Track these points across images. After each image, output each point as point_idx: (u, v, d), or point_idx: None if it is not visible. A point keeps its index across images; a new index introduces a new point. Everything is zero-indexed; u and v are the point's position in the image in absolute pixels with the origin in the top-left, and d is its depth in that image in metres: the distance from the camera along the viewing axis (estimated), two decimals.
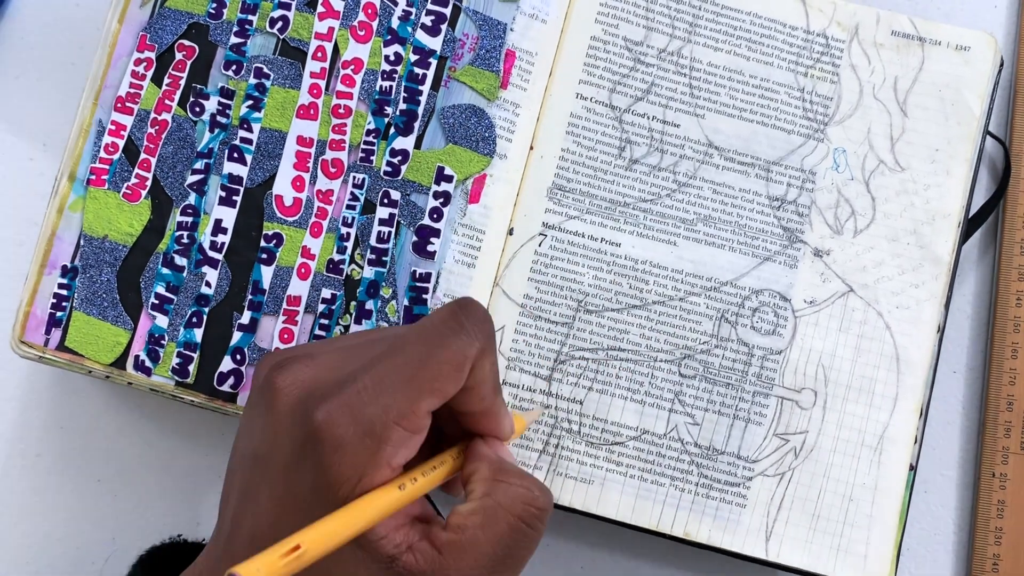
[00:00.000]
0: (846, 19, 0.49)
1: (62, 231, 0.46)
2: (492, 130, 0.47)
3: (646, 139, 0.48)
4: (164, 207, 0.46)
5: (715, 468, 0.46)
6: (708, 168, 0.48)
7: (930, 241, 0.48)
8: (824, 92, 0.49)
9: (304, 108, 0.47)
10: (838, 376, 0.47)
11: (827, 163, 0.48)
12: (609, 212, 0.48)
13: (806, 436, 0.46)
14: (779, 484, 0.46)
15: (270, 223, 0.46)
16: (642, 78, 0.48)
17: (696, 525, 0.46)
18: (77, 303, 0.45)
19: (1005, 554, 0.49)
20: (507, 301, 0.47)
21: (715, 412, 0.46)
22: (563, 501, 0.46)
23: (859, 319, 0.47)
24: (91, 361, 0.45)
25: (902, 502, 0.46)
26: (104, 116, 0.46)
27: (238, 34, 0.47)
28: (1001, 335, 0.51)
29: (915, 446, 0.46)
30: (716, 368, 0.47)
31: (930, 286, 0.47)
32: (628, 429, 0.46)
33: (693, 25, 0.49)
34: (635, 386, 0.47)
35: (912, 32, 0.49)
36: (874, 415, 0.47)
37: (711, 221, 0.48)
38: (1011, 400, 0.50)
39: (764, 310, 0.47)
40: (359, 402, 0.34)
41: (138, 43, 0.46)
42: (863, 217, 0.48)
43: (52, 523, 0.37)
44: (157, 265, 0.46)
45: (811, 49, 0.49)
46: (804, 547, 0.46)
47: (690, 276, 0.47)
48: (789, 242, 0.48)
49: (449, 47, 0.47)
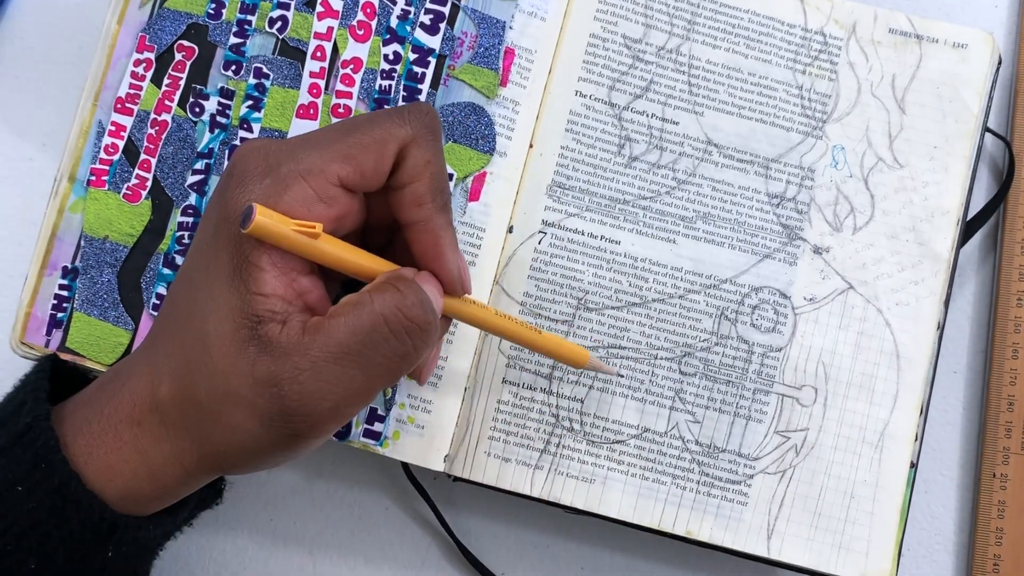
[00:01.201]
0: (844, 17, 0.49)
1: (62, 232, 0.46)
2: (491, 128, 0.47)
3: (645, 136, 0.48)
4: (165, 208, 0.46)
5: (716, 466, 0.46)
6: (707, 165, 0.48)
7: (929, 238, 0.48)
8: (822, 89, 0.49)
9: (304, 108, 0.47)
10: (838, 373, 0.47)
11: (826, 160, 0.48)
12: (609, 210, 0.48)
13: (807, 433, 0.46)
14: (780, 482, 0.46)
15: None
16: (641, 75, 0.48)
17: (698, 524, 0.46)
18: (78, 304, 0.45)
19: (1006, 554, 0.49)
20: (507, 299, 0.47)
21: (716, 410, 0.46)
22: (564, 501, 0.46)
23: (859, 316, 0.47)
24: (92, 362, 0.45)
25: (903, 499, 0.46)
26: (104, 117, 0.46)
27: (237, 34, 0.47)
28: (1002, 335, 0.51)
29: (916, 443, 0.46)
30: (716, 366, 0.47)
31: (929, 283, 0.47)
32: (629, 427, 0.46)
33: (692, 23, 0.49)
34: (636, 384, 0.47)
35: (910, 30, 0.49)
36: (875, 412, 0.47)
37: (710, 218, 0.48)
38: (1012, 400, 0.50)
39: (764, 307, 0.47)
40: (275, 149, 0.35)
41: (137, 44, 0.46)
42: (862, 214, 0.48)
43: None
44: (158, 266, 0.46)
45: (809, 47, 0.49)
46: (806, 545, 0.46)
47: (690, 274, 0.47)
48: (788, 239, 0.48)
49: (448, 45, 0.48)
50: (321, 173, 0.35)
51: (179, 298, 0.37)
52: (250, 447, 0.35)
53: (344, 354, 0.35)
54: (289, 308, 0.35)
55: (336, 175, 0.36)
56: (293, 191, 0.35)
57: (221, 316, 0.34)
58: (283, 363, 0.34)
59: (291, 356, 0.34)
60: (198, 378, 0.35)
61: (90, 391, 0.38)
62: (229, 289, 0.35)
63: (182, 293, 0.37)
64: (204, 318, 0.35)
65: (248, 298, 0.34)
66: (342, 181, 0.36)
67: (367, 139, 0.36)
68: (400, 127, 0.36)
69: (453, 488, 0.50)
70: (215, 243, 0.35)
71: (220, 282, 0.35)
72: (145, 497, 0.37)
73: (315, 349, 0.34)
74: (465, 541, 0.49)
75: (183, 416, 0.36)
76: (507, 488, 0.46)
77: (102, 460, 0.36)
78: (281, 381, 0.34)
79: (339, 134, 0.36)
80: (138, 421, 0.36)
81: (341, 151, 0.36)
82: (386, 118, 0.37)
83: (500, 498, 0.48)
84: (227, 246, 0.35)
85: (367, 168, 0.36)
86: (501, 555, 0.50)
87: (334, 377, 0.34)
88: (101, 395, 0.37)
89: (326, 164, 0.35)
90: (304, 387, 0.34)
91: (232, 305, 0.34)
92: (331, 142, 0.36)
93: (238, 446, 0.35)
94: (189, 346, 0.35)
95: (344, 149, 0.36)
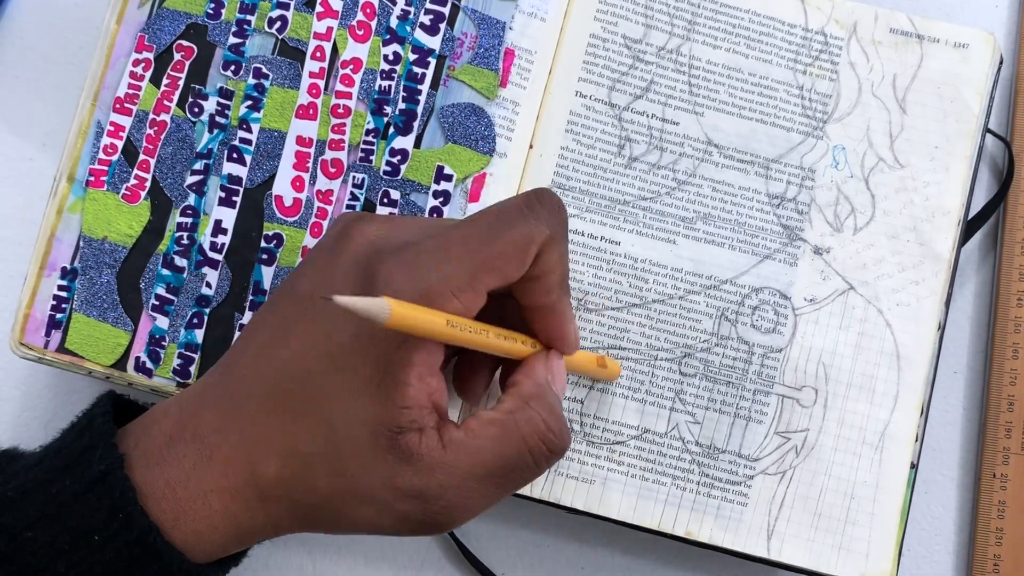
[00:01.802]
0: (844, 17, 0.49)
1: (61, 233, 0.45)
2: (491, 129, 0.47)
3: (645, 137, 0.48)
4: (164, 208, 0.46)
5: (716, 467, 0.46)
6: (707, 166, 0.48)
7: (930, 238, 0.48)
8: (823, 90, 0.49)
9: (303, 108, 0.47)
10: (839, 374, 0.47)
11: (826, 160, 0.48)
12: (608, 210, 0.48)
13: (807, 434, 0.46)
14: (780, 482, 0.46)
15: (270, 223, 0.46)
16: (641, 76, 0.48)
17: (698, 524, 0.46)
18: (77, 305, 0.45)
19: (1006, 555, 0.49)
20: None
21: (716, 411, 0.46)
22: (564, 501, 0.46)
23: (859, 316, 0.47)
24: (91, 363, 0.45)
25: (903, 500, 0.46)
26: (103, 117, 0.46)
27: (237, 34, 0.47)
28: (1002, 336, 0.51)
29: (916, 444, 0.46)
30: (716, 366, 0.47)
31: (930, 283, 0.47)
32: (629, 428, 0.46)
33: (692, 23, 0.49)
34: (635, 385, 0.46)
35: (910, 30, 0.49)
36: (875, 413, 0.46)
37: (711, 219, 0.48)
38: (1012, 401, 0.50)
39: (764, 308, 0.47)
40: (420, 264, 0.35)
41: (136, 43, 0.46)
42: (863, 214, 0.48)
43: None
44: (157, 266, 0.46)
45: (810, 47, 0.49)
46: (806, 546, 0.46)
47: (690, 274, 0.47)
48: (789, 240, 0.48)
49: (448, 46, 0.47)
50: (470, 288, 0.35)
51: (293, 383, 0.36)
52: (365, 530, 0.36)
53: (489, 476, 0.35)
54: (424, 413, 0.35)
55: (484, 288, 0.35)
56: (446, 310, 0.34)
57: (357, 421, 0.34)
58: (429, 479, 0.34)
59: (436, 473, 0.34)
60: (318, 471, 0.35)
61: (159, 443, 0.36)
62: (370, 395, 0.34)
63: (299, 378, 0.36)
64: (332, 413, 0.35)
65: (394, 411, 0.34)
66: (488, 289, 0.36)
67: (509, 247, 0.36)
68: (538, 229, 0.36)
69: None
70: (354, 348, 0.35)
71: (359, 385, 0.34)
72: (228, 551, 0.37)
73: (461, 468, 0.35)
74: (465, 541, 0.49)
75: (288, 495, 0.35)
76: None
77: (190, 527, 0.35)
78: (428, 497, 0.34)
79: (481, 240, 0.35)
80: (232, 493, 0.35)
81: (485, 262, 0.35)
82: (523, 219, 0.36)
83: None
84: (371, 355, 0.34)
85: (512, 275, 0.36)
86: (501, 555, 0.50)
87: (478, 495, 0.35)
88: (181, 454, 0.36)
89: (474, 279, 0.35)
90: (450, 503, 0.35)
91: (371, 413, 0.34)
92: (475, 252, 0.35)
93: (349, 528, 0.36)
94: (309, 437, 0.35)
95: (490, 260, 0.35)
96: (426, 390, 0.35)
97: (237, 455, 0.35)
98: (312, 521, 0.36)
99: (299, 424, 0.35)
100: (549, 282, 0.38)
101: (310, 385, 0.35)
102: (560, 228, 0.37)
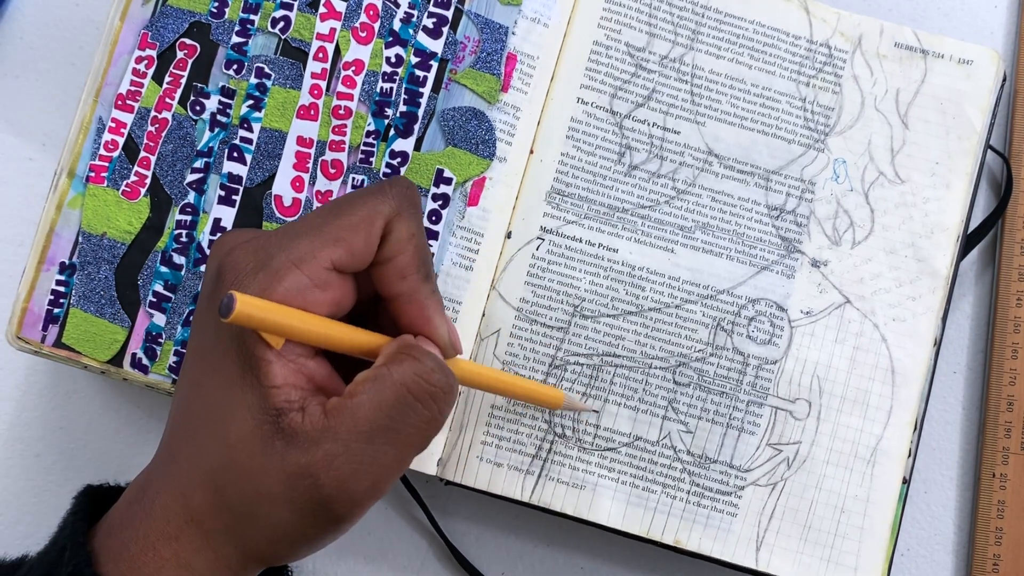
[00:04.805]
0: (849, 30, 0.49)
1: (60, 228, 0.46)
2: (492, 133, 0.47)
3: (646, 145, 0.48)
4: (163, 205, 0.46)
5: (707, 476, 0.46)
6: (707, 176, 0.48)
7: (928, 255, 0.47)
8: (826, 102, 0.48)
9: (304, 108, 0.47)
10: (833, 387, 0.47)
11: (827, 174, 0.48)
12: (607, 217, 0.48)
13: (799, 447, 0.46)
14: (771, 494, 0.46)
15: (269, 223, 0.46)
16: (643, 84, 0.48)
17: (687, 533, 0.46)
18: (75, 300, 0.45)
19: (1005, 554, 0.49)
20: (503, 304, 0.47)
21: (708, 420, 0.46)
22: (555, 506, 0.46)
23: (855, 331, 0.47)
24: (88, 358, 0.45)
25: (894, 515, 0.46)
26: (104, 113, 0.46)
27: (240, 33, 0.47)
28: (1001, 335, 0.50)
29: (909, 459, 0.46)
30: (711, 376, 0.47)
31: (927, 300, 0.47)
32: (621, 435, 0.46)
33: (696, 32, 0.49)
34: (629, 392, 0.47)
35: (915, 44, 0.49)
36: (868, 427, 0.47)
37: (709, 229, 0.48)
38: (1011, 400, 0.50)
39: (760, 319, 0.47)
40: (264, 244, 0.35)
41: (139, 41, 0.46)
42: (861, 229, 0.48)
43: (51, 523, 0.37)
44: (155, 263, 0.46)
45: (814, 59, 0.49)
46: (795, 557, 0.46)
47: (687, 283, 0.47)
48: (787, 252, 0.48)
49: (450, 50, 0.47)
50: (313, 259, 0.35)
51: (191, 405, 0.36)
52: (294, 539, 0.35)
53: (373, 431, 0.35)
54: (304, 394, 0.35)
55: (328, 259, 0.35)
56: (288, 281, 0.35)
57: (240, 416, 0.34)
58: (313, 452, 0.34)
59: (320, 443, 0.34)
60: (226, 483, 0.35)
61: (120, 510, 0.37)
62: (242, 388, 0.34)
63: (194, 400, 0.36)
64: (222, 421, 0.35)
65: (263, 392, 0.34)
66: (335, 264, 0.36)
67: (354, 219, 0.36)
68: (383, 203, 0.36)
69: (450, 492, 0.50)
70: (218, 346, 0.35)
71: (231, 383, 0.35)
72: None
73: (343, 431, 0.34)
74: (461, 544, 0.49)
75: (220, 522, 0.35)
76: (498, 493, 0.46)
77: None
78: (315, 471, 0.34)
79: (325, 218, 0.36)
80: (175, 536, 0.35)
81: (330, 235, 0.36)
82: (369, 196, 0.37)
83: (496, 502, 0.49)
84: (231, 346, 0.35)
85: (357, 248, 0.36)
86: (497, 559, 0.50)
87: (367, 456, 0.34)
88: (132, 515, 0.36)
89: (317, 250, 0.35)
90: (340, 472, 0.34)
91: (248, 403, 0.34)
92: (319, 227, 0.36)
93: (281, 541, 0.35)
94: (212, 453, 0.35)
95: (333, 232, 0.36)
96: (294, 368, 0.35)
97: (171, 499, 0.36)
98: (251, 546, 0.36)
99: (205, 443, 0.35)
100: (401, 264, 0.37)
101: (200, 399, 0.36)
102: (408, 205, 0.37)
